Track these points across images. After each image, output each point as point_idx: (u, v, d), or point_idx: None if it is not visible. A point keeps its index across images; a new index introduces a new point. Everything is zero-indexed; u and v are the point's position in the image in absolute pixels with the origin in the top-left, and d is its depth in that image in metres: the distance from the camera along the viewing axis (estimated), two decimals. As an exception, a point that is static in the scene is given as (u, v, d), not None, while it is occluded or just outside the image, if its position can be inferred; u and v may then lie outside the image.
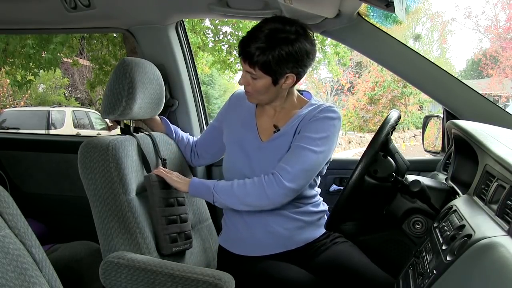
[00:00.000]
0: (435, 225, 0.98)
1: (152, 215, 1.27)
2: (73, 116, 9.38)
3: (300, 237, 1.31)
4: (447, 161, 1.45)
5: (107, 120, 9.57)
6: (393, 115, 1.21)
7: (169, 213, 1.29)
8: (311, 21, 1.46)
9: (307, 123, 1.28)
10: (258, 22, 1.24)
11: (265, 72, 1.22)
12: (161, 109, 1.46)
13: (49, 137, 3.51)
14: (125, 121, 1.40)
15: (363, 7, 1.42)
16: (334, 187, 1.72)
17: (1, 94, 12.55)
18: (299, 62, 1.23)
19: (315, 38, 1.27)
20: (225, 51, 7.14)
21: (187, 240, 1.33)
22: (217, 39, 7.05)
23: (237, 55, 7.31)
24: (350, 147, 12.63)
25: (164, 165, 1.37)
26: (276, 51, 1.19)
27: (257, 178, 1.23)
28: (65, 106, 10.65)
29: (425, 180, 1.19)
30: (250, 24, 6.44)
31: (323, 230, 1.36)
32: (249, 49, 1.21)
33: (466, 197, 1.00)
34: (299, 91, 1.39)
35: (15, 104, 12.40)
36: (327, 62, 8.31)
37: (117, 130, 1.42)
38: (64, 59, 7.40)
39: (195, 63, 1.86)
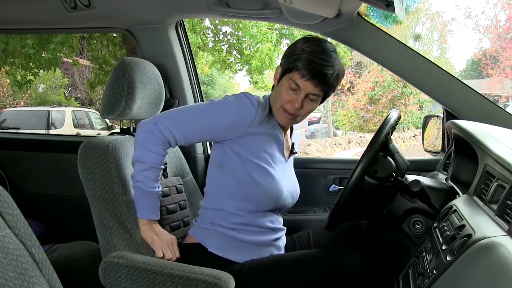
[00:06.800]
0: (435, 225, 0.98)
1: None
2: (73, 116, 9.39)
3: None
4: (447, 161, 1.45)
5: (107, 120, 9.63)
6: (393, 115, 1.21)
7: (172, 220, 1.28)
8: (311, 21, 1.46)
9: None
10: (258, 22, 1.23)
11: (325, 94, 1.18)
12: (161, 109, 1.46)
13: (49, 137, 3.51)
14: (125, 121, 1.40)
15: (363, 7, 1.42)
16: (334, 187, 1.72)
17: (1, 94, 12.56)
18: None
19: None
20: (225, 51, 7.15)
21: None
22: (217, 39, 7.06)
23: (237, 55, 7.19)
24: (350, 147, 12.63)
25: (165, 169, 1.36)
26: (342, 73, 1.17)
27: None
28: (65, 106, 10.68)
29: (425, 180, 1.19)
30: (250, 24, 6.44)
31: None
32: (328, 73, 1.12)
33: (466, 197, 1.00)
34: None
35: (15, 104, 12.41)
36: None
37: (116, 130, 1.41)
38: (64, 59, 7.41)
39: (195, 63, 1.86)
